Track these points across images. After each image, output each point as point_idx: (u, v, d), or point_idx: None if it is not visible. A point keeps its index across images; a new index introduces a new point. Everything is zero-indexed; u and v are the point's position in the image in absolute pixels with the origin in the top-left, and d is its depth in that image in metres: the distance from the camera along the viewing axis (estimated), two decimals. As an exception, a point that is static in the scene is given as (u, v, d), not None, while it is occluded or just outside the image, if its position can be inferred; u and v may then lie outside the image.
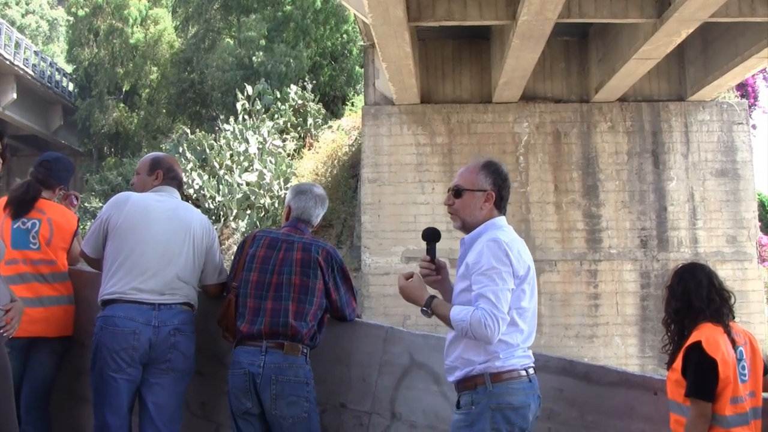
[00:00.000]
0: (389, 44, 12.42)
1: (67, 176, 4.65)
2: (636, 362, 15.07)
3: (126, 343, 3.89)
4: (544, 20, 11.44)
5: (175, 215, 4.15)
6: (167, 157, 4.49)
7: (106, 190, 25.05)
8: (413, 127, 15.91)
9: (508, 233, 3.31)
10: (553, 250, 15.44)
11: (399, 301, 14.14)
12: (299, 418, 3.69)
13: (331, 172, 19.65)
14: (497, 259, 3.16)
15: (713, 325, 3.53)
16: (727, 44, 13.95)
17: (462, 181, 3.41)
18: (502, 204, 3.42)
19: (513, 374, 3.19)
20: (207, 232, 4.23)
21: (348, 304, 4.02)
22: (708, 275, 3.70)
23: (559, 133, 15.91)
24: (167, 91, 32.36)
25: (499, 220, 3.38)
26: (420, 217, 15.47)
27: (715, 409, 3.39)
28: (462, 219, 3.41)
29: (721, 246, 15.58)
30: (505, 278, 3.14)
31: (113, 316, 3.93)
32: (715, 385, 3.39)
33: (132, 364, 3.91)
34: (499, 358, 3.18)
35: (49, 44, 48.78)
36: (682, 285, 3.68)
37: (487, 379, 3.17)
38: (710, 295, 3.61)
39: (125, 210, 4.11)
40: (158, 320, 3.93)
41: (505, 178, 3.42)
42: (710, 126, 15.88)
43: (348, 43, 27.39)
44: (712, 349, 3.42)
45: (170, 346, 3.96)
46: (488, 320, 3.06)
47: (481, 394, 3.17)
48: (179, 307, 4.03)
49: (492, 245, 3.19)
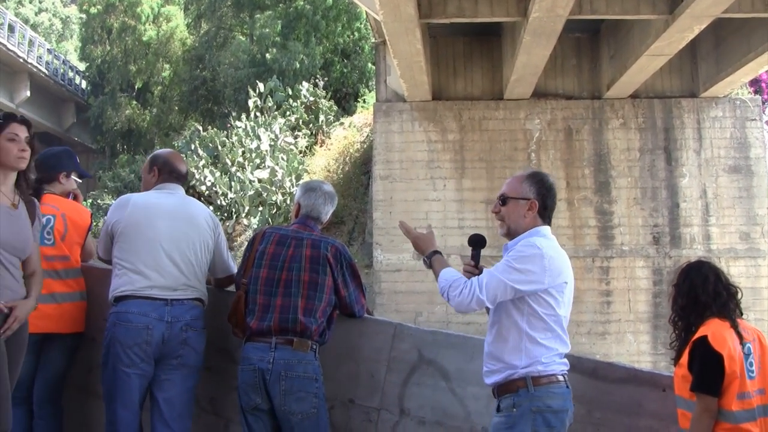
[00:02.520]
0: (400, 41, 12.42)
1: (60, 163, 4.57)
2: (648, 359, 15.03)
3: (139, 339, 3.91)
4: (555, 17, 11.41)
5: (179, 211, 4.17)
6: (164, 153, 4.49)
7: (118, 187, 25.16)
8: (424, 124, 15.91)
9: (550, 241, 3.43)
10: (565, 246, 15.06)
11: (411, 297, 14.22)
12: (308, 413, 3.71)
13: (342, 168, 19.68)
14: (520, 256, 3.30)
15: (720, 321, 3.52)
16: (739, 40, 13.88)
17: (508, 189, 3.54)
18: (547, 213, 3.54)
19: (552, 378, 3.27)
20: (213, 226, 4.25)
21: (357, 301, 4.03)
22: (714, 271, 3.68)
23: (571, 130, 15.88)
24: (179, 88, 32.45)
25: (543, 228, 3.49)
26: (431, 214, 15.49)
27: (722, 405, 3.39)
28: (507, 225, 3.51)
29: (734, 243, 15.51)
30: (513, 275, 3.25)
31: (126, 312, 3.95)
32: (721, 379, 3.38)
33: (145, 360, 3.93)
34: (541, 362, 3.26)
35: (62, 42, 48.97)
36: (688, 282, 3.67)
37: (529, 382, 3.24)
38: (717, 289, 3.60)
39: (127, 212, 4.15)
40: (171, 316, 3.96)
41: (549, 188, 3.55)
42: (723, 122, 15.80)
43: (360, 40, 27.39)
44: (719, 343, 3.42)
45: (182, 342, 3.98)
46: (466, 289, 3.26)
47: (522, 397, 3.23)
48: (191, 303, 4.05)
49: (526, 244, 3.36)
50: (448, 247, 15.21)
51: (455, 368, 3.94)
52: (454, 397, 3.90)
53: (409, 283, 15.40)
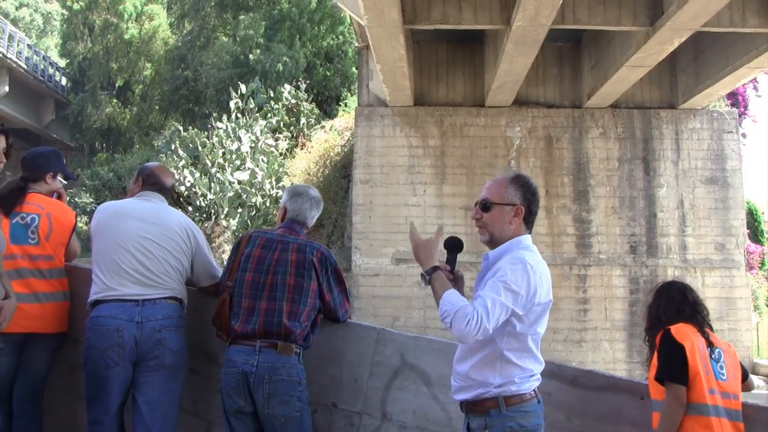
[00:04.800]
0: (384, 46, 12.48)
1: (48, 164, 4.59)
2: (624, 367, 15.18)
3: (112, 341, 3.91)
4: (538, 26, 11.52)
5: (150, 214, 4.19)
6: (151, 165, 4.55)
7: (97, 186, 24.94)
8: (406, 129, 15.98)
9: (535, 254, 3.20)
10: (543, 254, 15.18)
11: (389, 302, 14.24)
12: (291, 417, 3.72)
13: (322, 172, 19.68)
14: (514, 276, 3.03)
15: (686, 324, 3.76)
16: (718, 53, 14.07)
17: (490, 194, 3.26)
18: (531, 219, 3.29)
19: (525, 397, 3.10)
20: (188, 231, 4.24)
21: (341, 305, 4.05)
22: (681, 291, 3.91)
23: (551, 138, 16.01)
24: (161, 87, 32.32)
25: (525, 238, 3.25)
26: (411, 219, 15.55)
27: (695, 399, 3.54)
28: (491, 233, 3.25)
29: (709, 253, 15.70)
30: (509, 297, 3.00)
31: (98, 316, 3.98)
32: (685, 369, 3.56)
33: (120, 363, 3.93)
34: (514, 382, 3.08)
35: (43, 38, 48.54)
36: (656, 303, 3.94)
37: (501, 402, 3.06)
38: (680, 307, 3.83)
39: (100, 215, 4.24)
40: (141, 316, 3.96)
41: (534, 192, 3.30)
42: (700, 134, 16.00)
43: (344, 44, 27.42)
44: (680, 336, 3.65)
45: (156, 343, 3.97)
46: (473, 321, 2.91)
47: (494, 418, 3.06)
48: (164, 302, 4.04)
49: (517, 263, 3.08)
50: (428, 253, 15.27)
51: (437, 373, 3.96)
52: (436, 403, 3.93)
53: (387, 288, 15.45)
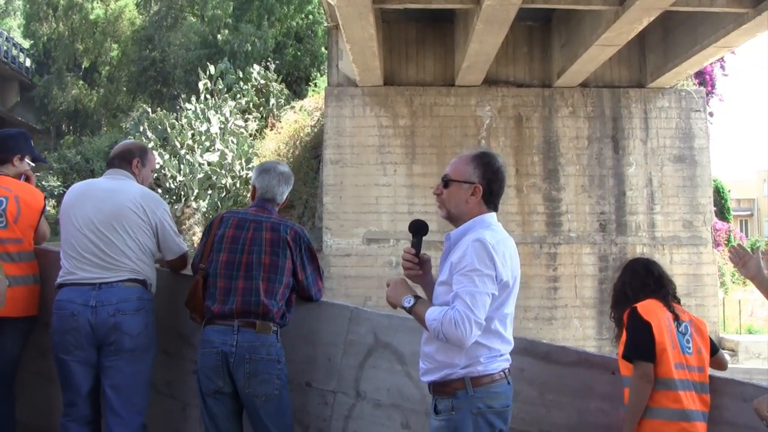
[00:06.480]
0: (353, 26, 12.42)
1: (17, 146, 4.53)
2: (593, 344, 15.34)
3: (68, 325, 3.89)
4: (508, 5, 11.52)
5: (108, 194, 4.10)
6: (124, 142, 4.51)
7: (64, 169, 24.69)
8: (376, 109, 15.95)
9: (497, 233, 3.11)
10: (514, 233, 15.54)
11: (360, 282, 14.25)
12: (271, 395, 3.73)
13: (293, 152, 19.60)
14: (480, 260, 2.98)
15: (653, 300, 3.77)
16: (686, 33, 14.17)
17: (451, 171, 3.22)
18: (492, 199, 3.20)
19: (494, 377, 3.06)
20: (146, 207, 4.09)
21: (314, 284, 4.05)
22: (646, 266, 3.94)
23: (521, 117, 16.06)
24: (128, 68, 31.98)
25: (488, 216, 3.18)
26: (381, 199, 15.58)
27: (662, 374, 3.57)
28: (447, 209, 3.22)
29: (677, 231, 15.89)
30: (486, 282, 2.96)
31: (59, 300, 3.96)
32: (652, 345, 3.59)
33: (79, 347, 3.90)
34: (480, 362, 3.04)
35: (5, 18, 47.64)
36: (621, 279, 3.97)
37: (468, 383, 3.03)
38: (645, 281, 3.85)
39: (66, 198, 4.21)
40: (96, 300, 3.90)
41: (497, 171, 3.21)
42: (669, 113, 16.14)
43: (313, 24, 27.26)
44: (647, 313, 3.67)
45: (112, 327, 3.90)
46: (460, 322, 2.89)
47: (461, 400, 3.03)
48: (121, 285, 3.97)
49: (477, 246, 3.01)
50: (398, 233, 15.35)
51: (411, 351, 3.94)
52: (410, 380, 3.95)
53: (358, 268, 15.47)
